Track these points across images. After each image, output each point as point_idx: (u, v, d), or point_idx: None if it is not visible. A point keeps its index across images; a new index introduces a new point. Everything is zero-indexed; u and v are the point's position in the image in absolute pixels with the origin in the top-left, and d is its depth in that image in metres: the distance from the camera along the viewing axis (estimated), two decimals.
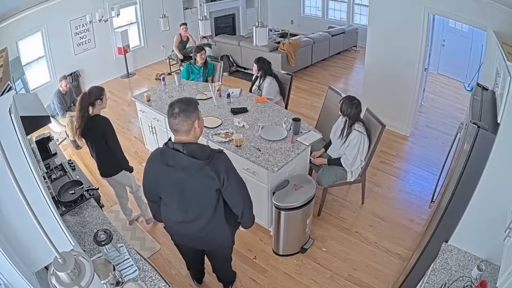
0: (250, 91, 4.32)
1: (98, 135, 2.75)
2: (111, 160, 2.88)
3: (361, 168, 3.29)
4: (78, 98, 2.72)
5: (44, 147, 3.04)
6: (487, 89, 2.22)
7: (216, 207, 1.94)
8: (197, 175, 1.78)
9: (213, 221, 1.98)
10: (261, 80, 4.15)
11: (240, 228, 2.20)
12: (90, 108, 2.69)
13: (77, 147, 4.82)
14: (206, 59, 4.80)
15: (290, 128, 3.25)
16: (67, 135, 4.81)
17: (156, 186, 1.94)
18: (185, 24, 6.68)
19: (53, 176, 2.81)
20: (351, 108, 3.04)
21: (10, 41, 4.83)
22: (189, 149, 1.77)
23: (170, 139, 1.86)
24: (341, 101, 3.09)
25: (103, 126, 2.73)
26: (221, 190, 1.87)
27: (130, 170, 3.05)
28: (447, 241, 2.10)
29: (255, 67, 4.13)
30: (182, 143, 1.78)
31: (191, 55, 5.57)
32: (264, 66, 4.10)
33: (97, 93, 2.70)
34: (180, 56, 6.71)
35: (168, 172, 1.81)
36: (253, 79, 4.39)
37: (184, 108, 1.75)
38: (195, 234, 2.04)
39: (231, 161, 1.91)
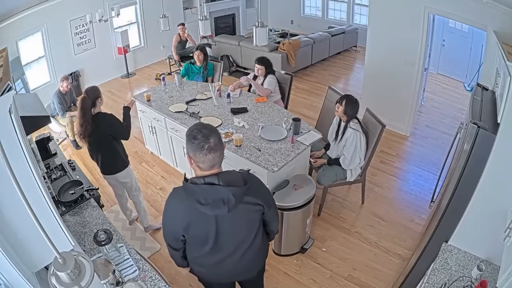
0: (249, 90, 4.30)
1: (105, 130, 2.76)
2: (117, 155, 2.89)
3: (361, 168, 3.29)
4: (79, 104, 2.71)
5: (44, 147, 3.04)
6: (487, 89, 2.22)
7: (256, 234, 1.76)
8: (239, 206, 1.55)
9: (251, 247, 1.78)
10: (263, 79, 4.08)
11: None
12: (92, 109, 2.71)
13: (77, 147, 4.82)
14: (206, 60, 4.79)
15: (290, 128, 3.25)
16: (67, 135, 4.81)
17: (181, 231, 1.62)
18: (182, 24, 6.68)
19: (53, 176, 2.81)
20: (355, 107, 3.06)
21: (10, 41, 4.83)
22: (224, 179, 1.51)
23: (185, 176, 1.60)
24: (343, 103, 3.05)
25: (109, 121, 2.76)
26: (263, 212, 1.72)
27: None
28: (447, 241, 2.10)
29: (262, 69, 3.99)
30: (215, 174, 1.52)
31: (191, 55, 5.56)
32: (269, 65, 4.04)
33: (96, 93, 2.73)
34: (176, 57, 6.72)
35: (200, 213, 1.53)
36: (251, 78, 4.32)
37: (218, 137, 1.50)
38: (229, 269, 1.81)
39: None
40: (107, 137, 2.79)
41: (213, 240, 1.63)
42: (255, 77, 4.19)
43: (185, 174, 1.69)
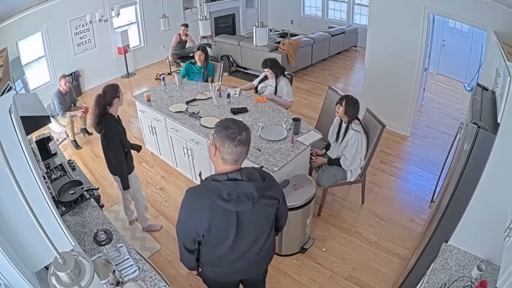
0: (256, 91, 4.23)
1: (101, 132, 2.76)
2: (111, 159, 2.88)
3: (361, 168, 3.29)
4: (94, 100, 2.70)
5: (44, 147, 3.04)
6: (487, 89, 2.22)
7: (270, 229, 1.79)
8: (260, 201, 1.55)
9: (266, 242, 1.79)
10: (277, 81, 4.02)
11: None
12: (107, 107, 2.70)
13: (77, 147, 4.82)
14: (207, 60, 4.78)
15: (290, 128, 3.25)
16: (67, 135, 4.81)
17: (203, 230, 1.56)
18: (185, 25, 6.68)
19: (53, 176, 2.81)
20: (355, 107, 3.05)
21: (10, 41, 4.83)
22: (246, 174, 1.53)
23: (200, 175, 1.62)
24: (343, 103, 3.05)
25: (107, 129, 2.73)
26: (278, 207, 1.74)
27: (124, 185, 2.91)
28: (447, 241, 2.10)
29: (269, 71, 3.95)
30: (238, 170, 1.54)
31: (191, 55, 5.56)
32: (277, 67, 3.97)
33: (113, 93, 2.70)
34: (171, 58, 6.74)
35: (222, 210, 1.51)
36: (260, 78, 4.23)
37: (249, 134, 1.52)
38: (244, 266, 1.79)
39: None
40: (102, 137, 2.79)
41: (233, 238, 1.61)
42: (265, 78, 4.15)
43: (200, 172, 1.68)
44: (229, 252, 1.67)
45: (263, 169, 1.74)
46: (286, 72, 4.31)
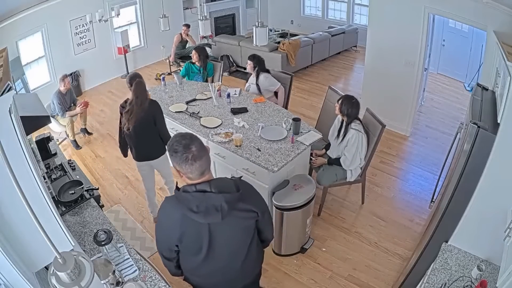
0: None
1: (149, 117, 2.86)
2: (157, 141, 2.98)
3: (361, 168, 3.29)
4: (136, 89, 2.81)
5: (44, 147, 3.03)
6: (487, 89, 2.22)
7: (251, 242, 1.71)
8: (232, 213, 1.51)
9: (249, 255, 1.73)
10: (256, 78, 4.12)
11: None
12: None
13: (77, 147, 4.82)
14: (205, 60, 4.77)
15: (290, 128, 3.25)
16: (67, 135, 4.81)
17: (175, 240, 1.59)
18: (187, 25, 6.70)
19: (53, 176, 2.81)
20: (352, 107, 3.04)
21: (10, 41, 4.83)
22: (216, 186, 1.48)
23: (177, 186, 1.57)
24: (340, 101, 3.08)
25: (154, 110, 2.90)
26: (257, 220, 1.66)
27: None
28: (447, 241, 2.10)
29: (250, 64, 4.09)
30: (207, 181, 1.50)
31: (190, 54, 5.55)
32: (259, 63, 4.08)
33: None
34: (172, 58, 6.74)
35: (193, 222, 1.49)
36: (248, 77, 4.33)
37: (199, 142, 1.48)
38: (228, 278, 1.77)
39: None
40: (150, 123, 2.89)
41: (206, 250, 1.60)
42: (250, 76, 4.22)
43: (177, 182, 1.67)
44: (204, 264, 1.66)
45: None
46: (285, 72, 4.33)
